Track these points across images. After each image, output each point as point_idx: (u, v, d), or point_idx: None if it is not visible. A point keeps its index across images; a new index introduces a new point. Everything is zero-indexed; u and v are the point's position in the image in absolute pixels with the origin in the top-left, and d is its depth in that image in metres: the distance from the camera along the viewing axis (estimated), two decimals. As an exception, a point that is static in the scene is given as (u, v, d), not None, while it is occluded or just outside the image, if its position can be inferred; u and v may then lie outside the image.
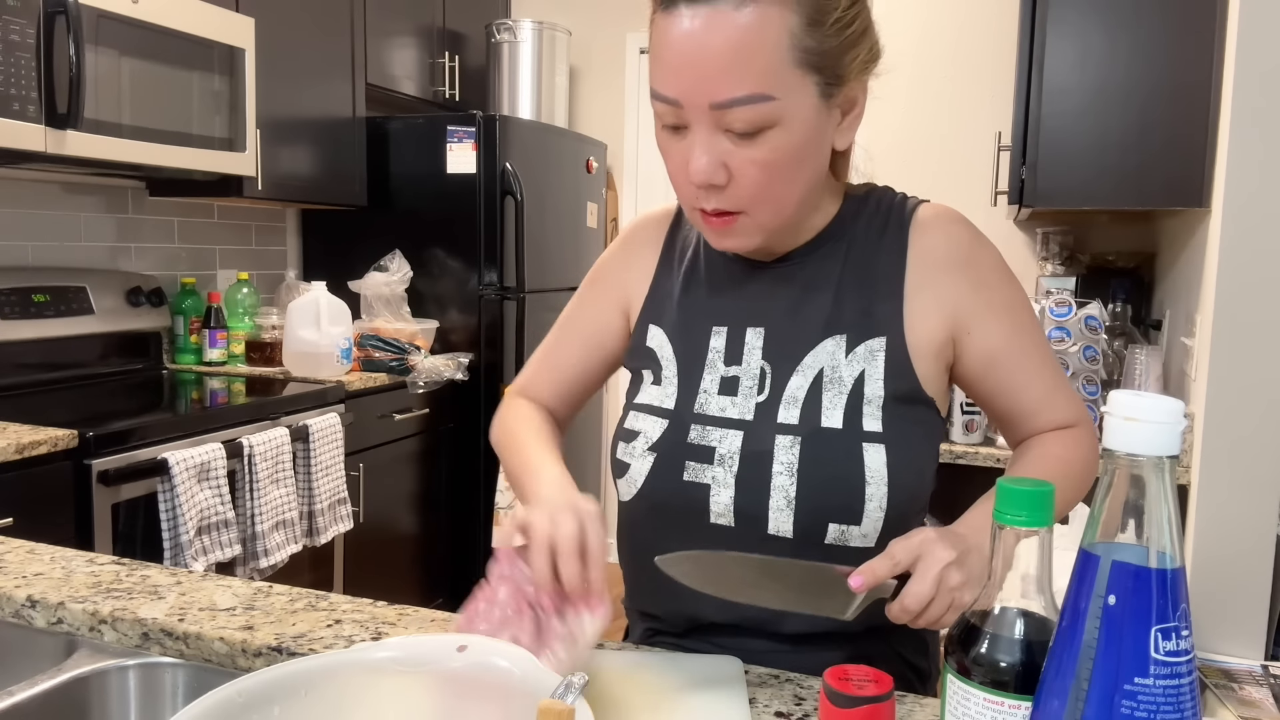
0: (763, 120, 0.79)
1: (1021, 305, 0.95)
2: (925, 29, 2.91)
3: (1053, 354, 0.97)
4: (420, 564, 3.19)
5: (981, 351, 0.93)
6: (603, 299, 1.05)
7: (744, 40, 0.76)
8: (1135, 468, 0.49)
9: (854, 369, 0.89)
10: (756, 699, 0.80)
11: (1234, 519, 1.76)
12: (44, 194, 2.61)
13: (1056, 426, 0.95)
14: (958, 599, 0.75)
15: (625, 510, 0.99)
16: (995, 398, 0.95)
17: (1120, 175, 2.04)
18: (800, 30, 0.78)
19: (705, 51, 0.77)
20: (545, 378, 1.08)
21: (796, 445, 0.88)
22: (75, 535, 1.98)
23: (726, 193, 0.83)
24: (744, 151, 0.81)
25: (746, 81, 0.77)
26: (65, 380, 2.57)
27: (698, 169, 0.81)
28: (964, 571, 0.75)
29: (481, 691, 0.72)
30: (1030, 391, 0.94)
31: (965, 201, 2.88)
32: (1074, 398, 0.96)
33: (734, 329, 0.94)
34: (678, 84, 0.79)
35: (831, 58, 0.81)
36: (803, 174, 0.84)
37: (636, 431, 0.95)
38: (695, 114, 0.80)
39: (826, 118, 0.84)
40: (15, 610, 0.98)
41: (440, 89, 3.61)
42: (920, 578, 0.74)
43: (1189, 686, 0.49)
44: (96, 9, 2.18)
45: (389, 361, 3.01)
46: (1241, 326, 1.73)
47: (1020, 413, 0.95)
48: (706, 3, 0.77)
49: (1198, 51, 1.95)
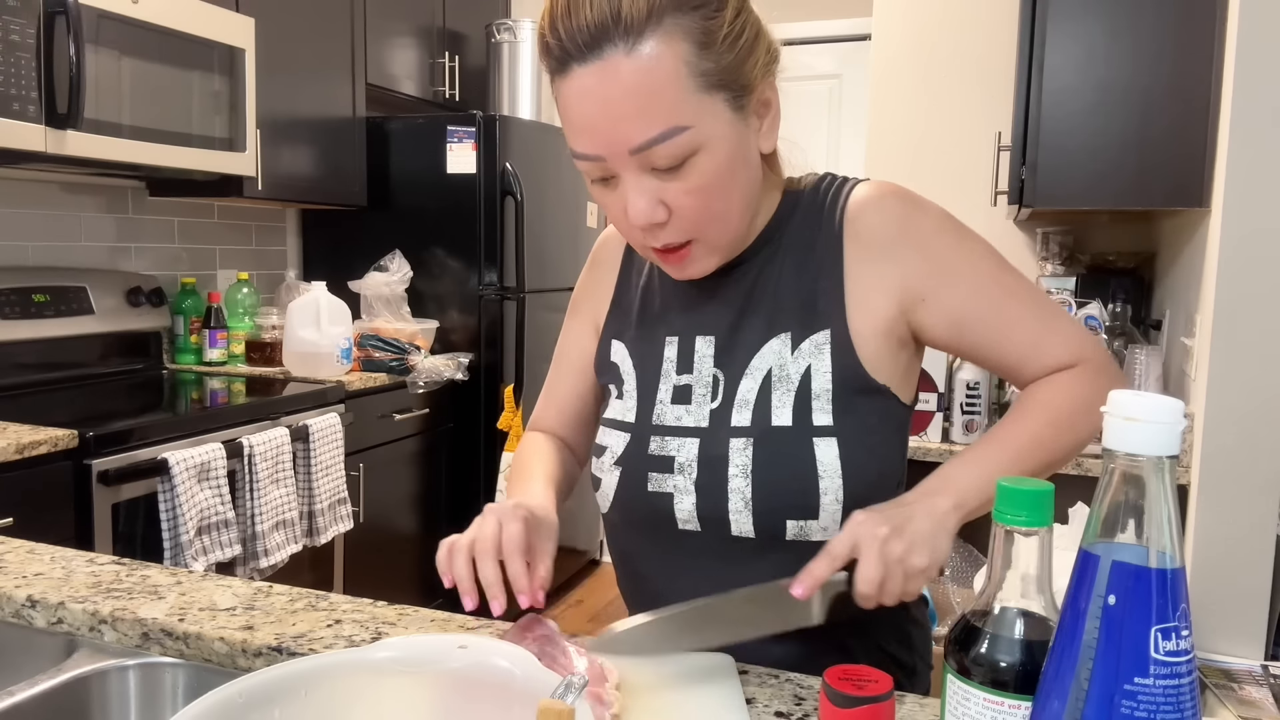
0: (684, 151, 0.80)
1: (980, 256, 0.91)
2: (925, 29, 2.91)
3: (1037, 294, 0.92)
4: (420, 564, 3.19)
5: (945, 316, 0.90)
6: (581, 326, 1.08)
7: (642, 82, 0.77)
8: (1135, 468, 0.49)
9: (800, 365, 0.90)
10: (756, 699, 0.80)
11: (1234, 519, 1.76)
12: (44, 194, 2.61)
13: (1054, 369, 0.91)
14: (908, 567, 0.76)
15: (606, 521, 1.01)
16: (979, 356, 0.93)
17: (1120, 175, 2.04)
18: (694, 56, 0.78)
19: (610, 103, 0.78)
20: (550, 411, 1.12)
21: (750, 447, 0.89)
22: (75, 535, 1.98)
23: (670, 227, 0.84)
24: (675, 185, 0.82)
25: (657, 120, 0.78)
26: (65, 380, 2.57)
27: (636, 213, 0.83)
28: (904, 539, 0.76)
29: (481, 691, 0.72)
30: (1012, 342, 0.91)
31: (965, 201, 2.89)
32: (1069, 336, 0.91)
33: (684, 338, 0.96)
34: (593, 141, 0.81)
35: (731, 72, 0.81)
36: (738, 188, 0.85)
37: (604, 446, 0.98)
38: (618, 163, 0.81)
39: (745, 128, 0.85)
40: (15, 610, 0.98)
41: (440, 89, 3.61)
42: (864, 560, 0.76)
43: (1189, 686, 0.49)
44: (96, 9, 2.18)
45: (389, 361, 3.01)
46: (1241, 326, 1.73)
47: (1009, 365, 0.92)
48: (597, 59, 0.77)
49: (1198, 51, 1.95)
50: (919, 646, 1.01)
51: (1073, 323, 0.92)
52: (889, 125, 2.99)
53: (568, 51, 0.79)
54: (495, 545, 0.82)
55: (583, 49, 0.78)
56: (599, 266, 1.08)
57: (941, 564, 0.78)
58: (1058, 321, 0.91)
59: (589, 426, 1.10)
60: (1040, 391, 0.89)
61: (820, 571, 0.77)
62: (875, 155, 3.01)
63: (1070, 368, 0.90)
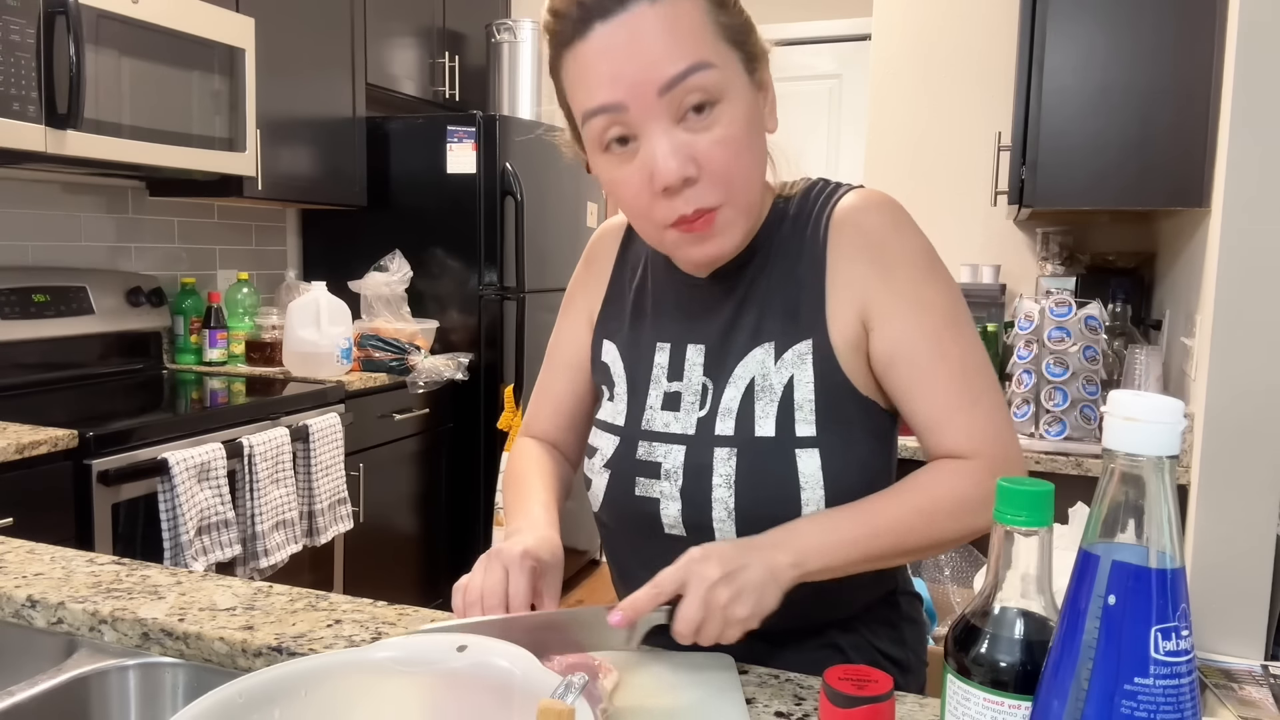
0: (712, 90, 0.80)
1: (934, 306, 0.87)
2: (925, 29, 2.91)
3: (972, 368, 0.87)
4: (420, 564, 3.19)
5: (881, 350, 0.88)
6: (576, 322, 1.07)
7: (671, 21, 0.79)
8: (1135, 468, 0.49)
9: (783, 375, 0.89)
10: (756, 699, 0.80)
11: (1234, 519, 1.76)
12: (44, 194, 2.61)
13: (949, 452, 0.86)
14: (729, 614, 0.75)
15: (597, 520, 1.02)
16: (898, 402, 0.89)
17: (1120, 175, 2.04)
18: (713, 9, 0.81)
19: (638, 46, 0.78)
20: (545, 412, 1.10)
21: (733, 457, 0.89)
22: (75, 535, 1.98)
23: (700, 186, 0.81)
24: (703, 136, 0.80)
25: (686, 54, 0.79)
26: (65, 380, 2.57)
27: (667, 169, 0.79)
28: (733, 586, 0.75)
29: (481, 691, 0.72)
30: (922, 405, 0.87)
31: (965, 201, 2.89)
32: (978, 424, 0.85)
33: (676, 346, 0.96)
34: (617, 88, 0.79)
35: (744, 33, 0.84)
36: (756, 153, 0.85)
37: (596, 448, 0.98)
38: (644, 112, 0.79)
39: (756, 96, 0.85)
40: (15, 610, 0.98)
41: (440, 89, 3.61)
42: (687, 601, 0.75)
43: (1189, 686, 0.49)
44: (96, 9, 2.18)
45: (389, 361, 3.01)
46: (1241, 326, 1.73)
47: (916, 426, 0.88)
48: (623, 11, 0.78)
49: (1198, 51, 1.95)
50: (912, 642, 1.01)
51: (994, 411, 0.87)
52: (889, 125, 2.99)
53: (590, 12, 0.79)
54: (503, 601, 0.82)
55: (607, 6, 0.78)
56: (594, 262, 1.07)
57: (764, 615, 0.77)
58: (976, 405, 0.86)
59: (584, 425, 1.09)
60: (924, 477, 0.86)
61: (643, 603, 0.76)
62: (875, 155, 3.01)
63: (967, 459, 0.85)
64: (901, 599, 1.02)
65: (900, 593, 1.02)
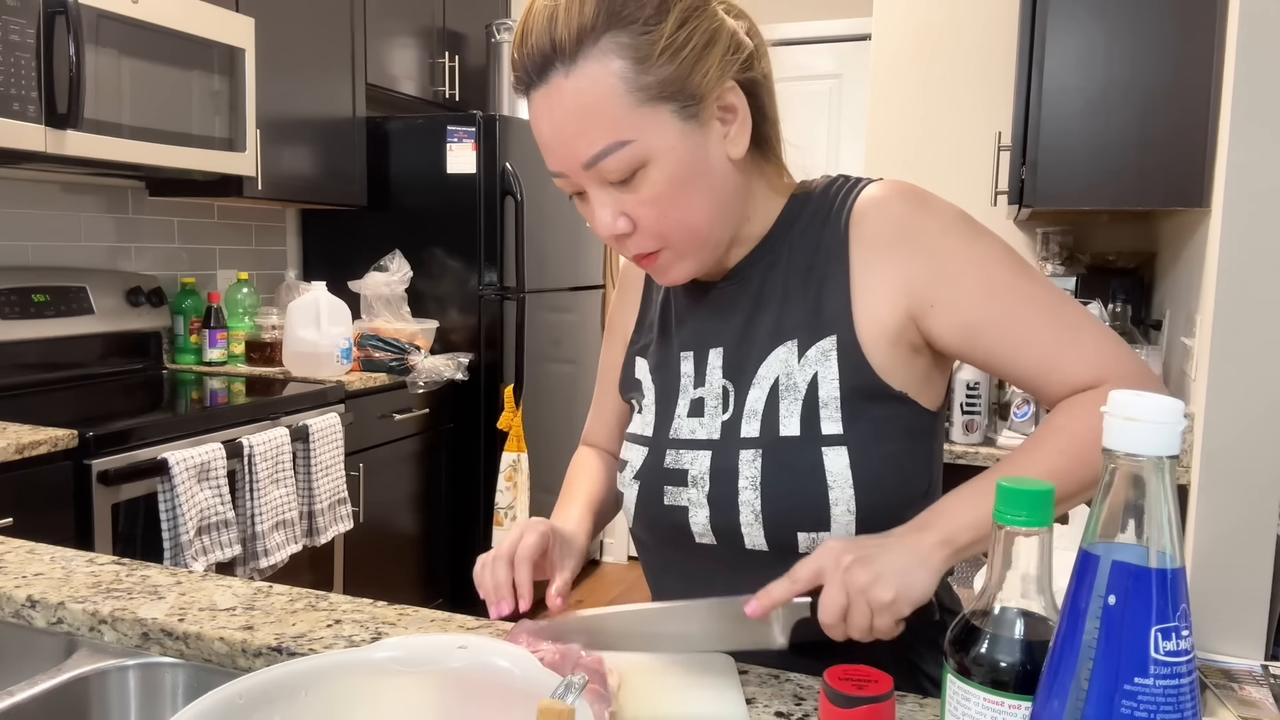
0: (631, 163, 0.82)
1: (993, 259, 0.86)
2: (925, 29, 2.91)
3: (1059, 302, 0.84)
4: (420, 564, 3.19)
5: (955, 323, 0.85)
6: (615, 344, 1.10)
7: (581, 102, 0.80)
8: (1135, 468, 0.49)
9: (806, 373, 0.88)
10: (756, 699, 0.80)
11: (1234, 519, 1.76)
12: (44, 194, 2.61)
13: (1075, 388, 0.83)
14: (872, 598, 0.73)
15: (632, 535, 1.02)
16: (994, 368, 0.87)
17: (1120, 175, 2.04)
18: (630, 73, 0.80)
19: (558, 124, 0.82)
20: (598, 425, 1.14)
21: (758, 458, 0.87)
22: (75, 535, 1.98)
23: (637, 236, 0.86)
24: (631, 196, 0.84)
25: (599, 136, 0.81)
26: (65, 380, 2.57)
27: (602, 225, 0.86)
28: (870, 568, 0.73)
29: (481, 691, 0.72)
30: (1026, 356, 0.84)
31: (965, 201, 2.88)
32: (1091, 350, 0.83)
33: (698, 353, 0.96)
34: (553, 159, 0.85)
35: (676, 83, 0.81)
36: (700, 196, 0.85)
37: (626, 461, 0.99)
38: (578, 179, 0.85)
39: (702, 136, 0.83)
40: (15, 610, 0.98)
41: (440, 89, 3.61)
42: (827, 587, 0.74)
43: (1189, 686, 0.49)
44: (96, 9, 2.18)
45: (389, 361, 3.01)
46: (1241, 326, 1.73)
47: (1027, 380, 0.86)
48: (543, 84, 0.82)
49: (1198, 51, 1.95)
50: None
51: (1099, 334, 0.84)
52: (889, 125, 2.99)
53: (523, 79, 0.84)
54: (510, 553, 0.86)
55: (532, 76, 0.82)
56: (626, 289, 1.09)
57: (915, 600, 0.74)
58: (1080, 334, 0.84)
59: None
60: (1058, 417, 0.82)
61: (779, 593, 0.75)
62: (875, 155, 3.01)
63: (1094, 387, 0.82)
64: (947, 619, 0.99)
65: (946, 612, 0.99)
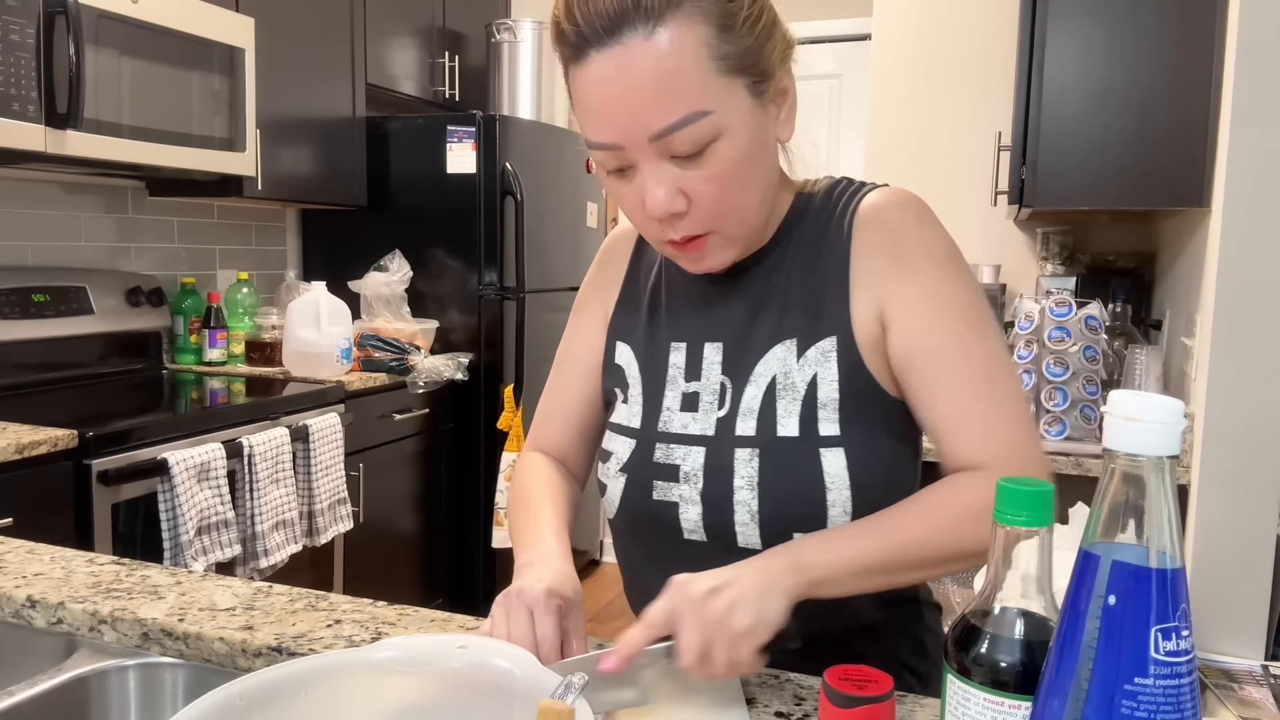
0: (706, 136, 0.78)
1: (956, 303, 0.84)
2: (925, 29, 2.91)
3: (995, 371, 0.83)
4: (420, 564, 3.19)
5: (899, 347, 0.85)
6: (589, 326, 1.04)
7: (664, 66, 0.75)
8: (1135, 468, 0.49)
9: (806, 374, 0.87)
10: (756, 699, 0.80)
11: (1234, 519, 1.76)
12: (44, 194, 2.61)
13: (965, 461, 0.83)
14: (731, 629, 0.70)
15: (612, 527, 1.00)
16: (912, 404, 0.86)
17: (1120, 175, 2.04)
18: (715, 39, 0.77)
19: (630, 88, 0.76)
20: (554, 422, 1.06)
21: (755, 458, 0.86)
22: (75, 535, 1.98)
23: (689, 217, 0.82)
24: (695, 172, 0.80)
25: (679, 104, 0.76)
26: (65, 380, 2.57)
27: (655, 203, 0.80)
28: (723, 597, 0.71)
29: (481, 691, 0.72)
30: (943, 406, 0.83)
31: (965, 201, 2.89)
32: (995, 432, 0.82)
33: (693, 345, 0.94)
34: (611, 128, 0.79)
35: (751, 56, 0.79)
36: (757, 178, 0.84)
37: (610, 452, 0.96)
38: (637, 151, 0.79)
39: (764, 115, 0.83)
40: (15, 610, 0.98)
41: (440, 89, 3.61)
42: (684, 626, 0.71)
43: (1189, 686, 0.49)
44: (96, 9, 2.18)
45: (389, 361, 3.01)
46: (1241, 326, 1.73)
47: (932, 429, 0.85)
48: (616, 44, 0.75)
49: (1198, 51, 1.95)
50: (934, 654, 0.98)
51: (1012, 419, 0.83)
52: (889, 125, 2.99)
53: (585, 37, 0.77)
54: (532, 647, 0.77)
55: (601, 34, 0.76)
56: (607, 265, 1.04)
57: (773, 624, 0.72)
58: (996, 410, 0.82)
59: (595, 434, 1.05)
60: (942, 488, 0.82)
61: (636, 640, 0.72)
62: (875, 155, 3.01)
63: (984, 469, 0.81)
64: (925, 609, 0.99)
65: (923, 603, 0.99)
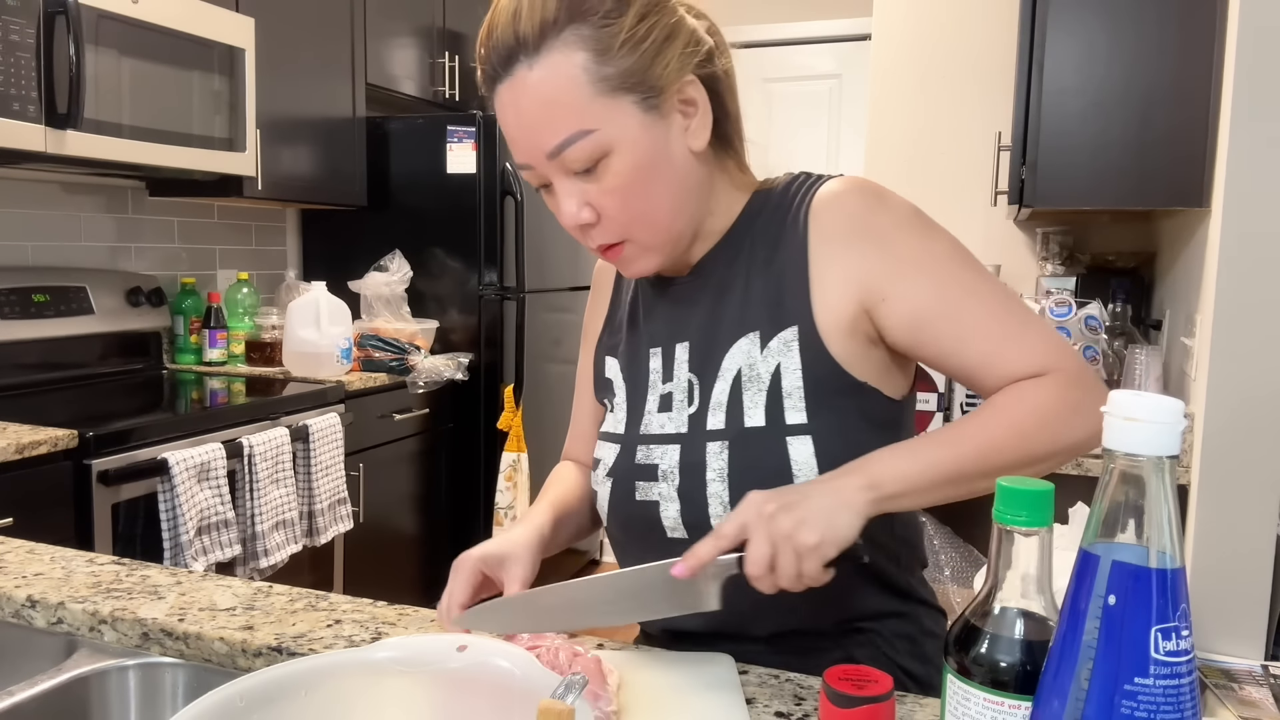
0: (595, 153, 0.84)
1: (944, 255, 0.87)
2: (925, 29, 2.91)
3: (1005, 298, 0.87)
4: (420, 564, 3.19)
5: (905, 314, 0.87)
6: (588, 348, 1.11)
7: (544, 92, 0.83)
8: (1135, 468, 0.49)
9: (769, 364, 0.89)
10: (756, 699, 0.80)
11: (1234, 519, 1.76)
12: (44, 194, 2.61)
13: (1016, 379, 0.85)
14: (797, 543, 0.73)
15: (607, 533, 1.02)
16: (938, 361, 0.88)
17: (1120, 175, 2.04)
18: (592, 64, 0.82)
19: (524, 114, 0.84)
20: (577, 438, 1.14)
21: (725, 450, 0.89)
22: (75, 535, 1.98)
23: (600, 227, 0.88)
24: (594, 186, 0.85)
25: (563, 126, 0.83)
26: (65, 380, 2.57)
27: (566, 215, 0.88)
28: (794, 514, 0.74)
29: (481, 691, 0.72)
30: (972, 347, 0.85)
31: (965, 201, 2.89)
32: (1034, 344, 0.84)
33: (665, 348, 0.97)
34: (520, 150, 0.87)
35: (635, 75, 0.83)
36: (661, 186, 0.87)
37: (599, 459, 0.99)
38: (543, 169, 0.86)
39: (663, 127, 0.86)
40: (15, 610, 0.98)
41: (440, 89, 3.61)
42: (752, 538, 0.74)
43: (1189, 686, 0.49)
44: (96, 9, 2.17)
45: (389, 361, 3.01)
46: (1241, 326, 1.73)
47: (970, 371, 0.87)
48: (509, 75, 0.84)
49: (1198, 51, 1.95)
50: (934, 657, 0.98)
51: (1043, 331, 0.86)
52: (889, 125, 2.99)
53: (489, 73, 0.86)
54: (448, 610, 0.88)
55: (498, 69, 0.85)
56: (598, 288, 1.10)
57: (841, 541, 0.74)
58: (1024, 329, 0.86)
59: None
60: (1003, 396, 0.84)
61: (705, 552, 0.75)
62: (875, 155, 3.01)
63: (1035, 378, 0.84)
64: (922, 611, 0.99)
65: (920, 604, 0.99)
